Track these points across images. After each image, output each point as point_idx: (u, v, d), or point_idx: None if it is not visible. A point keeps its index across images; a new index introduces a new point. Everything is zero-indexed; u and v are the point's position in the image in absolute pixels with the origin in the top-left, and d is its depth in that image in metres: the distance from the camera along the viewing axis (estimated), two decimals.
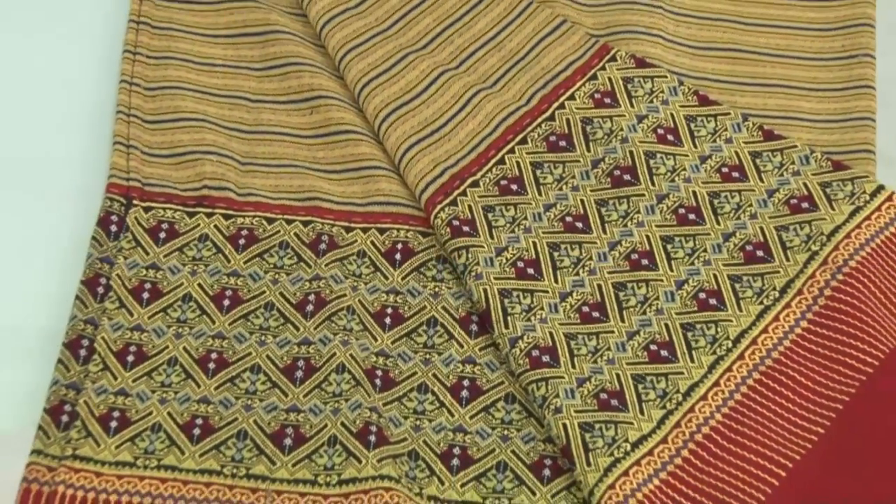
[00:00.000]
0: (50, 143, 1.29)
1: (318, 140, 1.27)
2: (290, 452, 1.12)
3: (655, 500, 1.07)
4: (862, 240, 1.19)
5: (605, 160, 1.24)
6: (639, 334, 1.16)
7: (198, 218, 1.24)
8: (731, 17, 1.34)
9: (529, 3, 1.32)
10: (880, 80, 1.29)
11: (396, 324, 1.19)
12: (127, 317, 1.18)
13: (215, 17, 1.34)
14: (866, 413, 1.10)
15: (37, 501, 1.08)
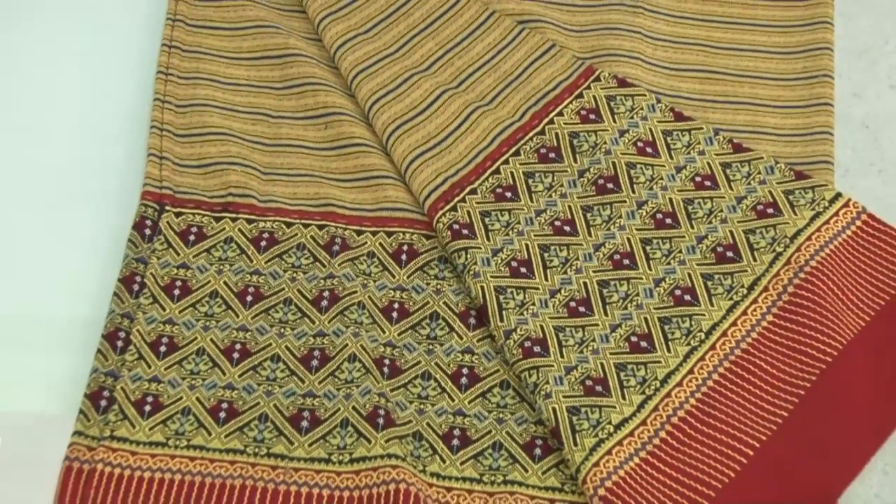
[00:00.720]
0: (92, 155, 1.30)
1: (332, 152, 1.27)
2: (306, 433, 1.13)
3: (636, 477, 1.07)
4: (821, 242, 1.19)
5: (590, 170, 1.24)
6: (621, 327, 1.16)
7: (223, 222, 1.24)
8: (704, 41, 1.34)
9: (522, 30, 1.32)
10: (837, 99, 1.29)
11: (402, 317, 1.19)
12: (160, 311, 1.19)
13: (239, 41, 1.34)
14: (825, 399, 1.11)
15: (78, 478, 1.09)
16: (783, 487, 1.07)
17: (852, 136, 1.29)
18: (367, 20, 1.33)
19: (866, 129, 1.30)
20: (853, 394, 1.12)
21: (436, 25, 1.33)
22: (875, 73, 1.33)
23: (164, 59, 1.32)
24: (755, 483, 1.07)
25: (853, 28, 1.36)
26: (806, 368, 1.12)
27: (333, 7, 1.34)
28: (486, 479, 1.11)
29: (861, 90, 1.32)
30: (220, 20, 1.36)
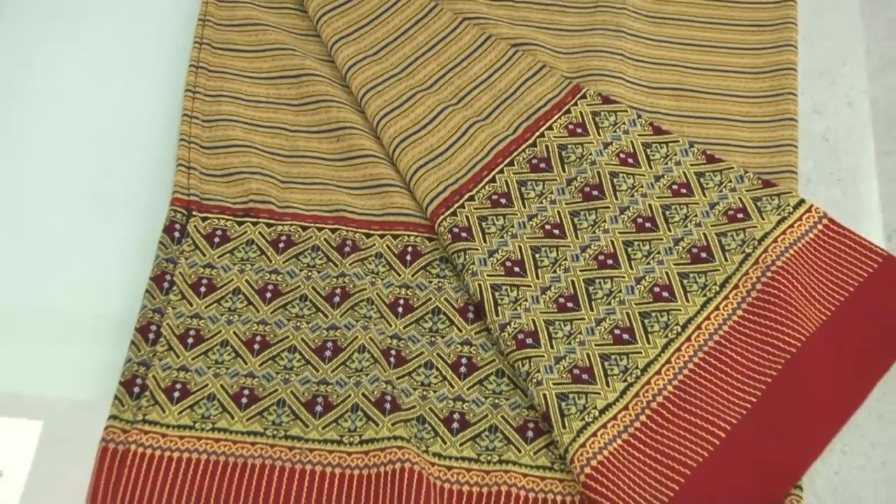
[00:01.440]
0: (127, 165, 1.30)
1: (344, 163, 1.27)
2: (320, 417, 1.13)
3: (618, 457, 1.07)
4: (786, 243, 1.19)
5: (577, 179, 1.24)
6: (605, 321, 1.16)
7: (245, 226, 1.24)
8: (680, 62, 1.34)
9: (515, 52, 1.32)
10: (800, 115, 1.30)
11: (407, 312, 1.19)
12: (187, 307, 1.19)
13: (260, 62, 1.34)
14: (790, 386, 1.11)
15: (113, 458, 1.09)
16: (752, 466, 1.07)
17: (813, 148, 1.29)
18: (375, 43, 1.33)
19: (826, 142, 1.30)
20: (815, 382, 1.12)
21: (437, 48, 1.33)
22: (834, 92, 1.33)
23: (192, 78, 1.32)
24: (726, 462, 1.07)
25: (814, 51, 1.36)
26: (772, 358, 1.12)
27: (345, 32, 1.34)
28: (482, 459, 1.11)
29: (821, 107, 1.32)
30: (243, 43, 1.36)
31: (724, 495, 1.06)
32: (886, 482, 1.10)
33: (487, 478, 1.10)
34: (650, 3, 1.39)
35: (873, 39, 1.37)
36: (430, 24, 1.35)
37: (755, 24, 1.36)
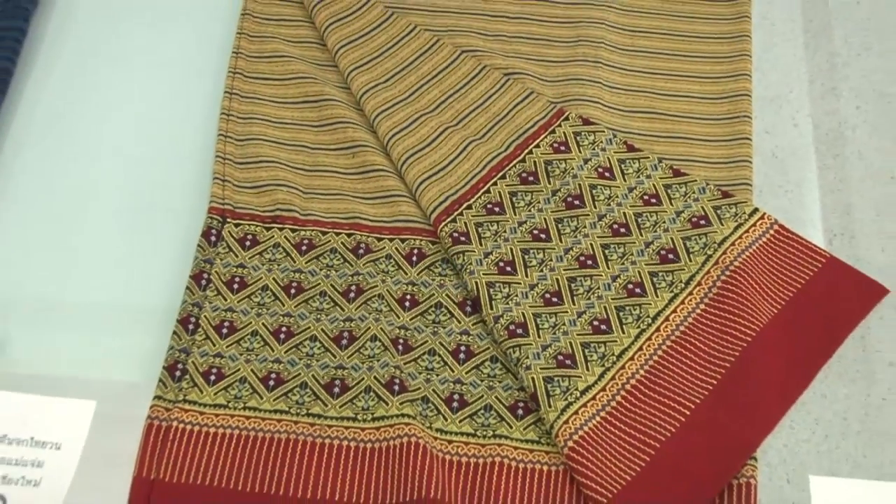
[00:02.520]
0: (171, 178, 1.29)
1: (358, 176, 1.27)
2: (337, 397, 1.12)
3: (597, 432, 1.07)
4: (743, 246, 1.19)
5: (561, 190, 1.23)
6: (585, 314, 1.15)
7: (272, 231, 1.23)
8: (650, 89, 1.33)
9: (507, 80, 1.31)
10: (754, 135, 1.30)
11: (413, 306, 1.18)
12: (222, 301, 1.18)
13: (285, 89, 1.33)
14: (746, 370, 1.10)
15: (157, 432, 1.08)
16: (713, 440, 1.06)
17: (765, 164, 1.29)
18: (385, 73, 1.32)
19: (775, 158, 1.29)
20: (768, 366, 1.11)
21: (439, 77, 1.33)
22: (781, 115, 1.33)
23: (227, 103, 1.32)
24: (691, 436, 1.07)
25: (765, 80, 1.35)
26: (731, 346, 1.12)
27: (359, 63, 1.33)
28: (479, 434, 1.10)
29: (771, 128, 1.32)
30: (271, 73, 1.35)
31: (689, 465, 1.05)
32: (828, 453, 1.10)
33: (483, 450, 1.09)
34: (624, 38, 1.38)
35: (815, 71, 1.37)
36: (432, 56, 1.34)
37: (715, 57, 1.36)
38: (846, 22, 1.41)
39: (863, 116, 1.33)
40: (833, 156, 1.30)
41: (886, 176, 1.28)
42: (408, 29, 1.37)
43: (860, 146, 1.30)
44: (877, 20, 1.41)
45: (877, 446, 1.10)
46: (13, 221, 1.26)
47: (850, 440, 1.10)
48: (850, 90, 1.35)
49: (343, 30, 1.36)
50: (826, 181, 1.28)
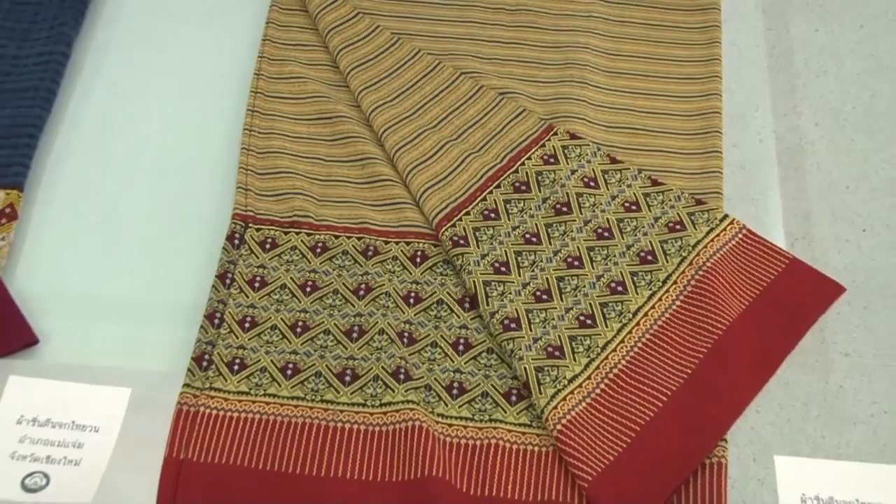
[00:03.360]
0: (198, 187, 1.29)
1: (367, 185, 1.26)
2: (348, 385, 1.11)
3: (583, 417, 1.06)
4: (714, 249, 1.18)
5: (550, 198, 1.22)
6: (572, 310, 1.14)
7: (290, 235, 1.22)
8: (631, 107, 1.32)
9: (502, 98, 1.31)
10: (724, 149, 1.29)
11: (417, 303, 1.17)
12: (244, 298, 1.17)
13: (302, 107, 1.32)
14: (717, 361, 1.10)
15: (186, 417, 1.08)
16: (688, 424, 1.05)
17: (734, 174, 1.28)
18: (392, 92, 1.31)
19: (743, 169, 1.29)
20: (737, 357, 1.11)
21: (440, 96, 1.32)
22: (748, 132, 1.33)
23: (249, 119, 1.31)
24: (668, 421, 1.06)
25: (734, 99, 1.35)
26: (704, 339, 1.11)
27: (368, 83, 1.32)
28: (476, 418, 1.09)
29: (739, 143, 1.31)
30: (288, 92, 1.34)
31: (666, 446, 1.04)
32: (790, 435, 1.09)
33: (480, 433, 1.08)
34: (607, 61, 1.37)
35: (778, 91, 1.36)
36: (434, 77, 1.33)
37: (689, 78, 1.35)
38: (805, 48, 1.40)
39: (820, 132, 1.32)
40: (794, 167, 1.29)
41: (842, 186, 1.27)
42: (412, 53, 1.36)
43: (818, 159, 1.30)
44: (833, 46, 1.40)
45: (834, 429, 1.09)
46: (58, 226, 1.25)
47: (810, 423, 1.10)
48: (809, 109, 1.35)
49: (354, 54, 1.35)
50: (788, 190, 1.27)
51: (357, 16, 1.38)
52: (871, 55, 1.39)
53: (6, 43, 1.35)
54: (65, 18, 1.37)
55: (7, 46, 1.35)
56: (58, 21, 1.37)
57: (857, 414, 1.10)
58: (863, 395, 1.12)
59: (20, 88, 1.31)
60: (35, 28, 1.37)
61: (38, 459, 1.05)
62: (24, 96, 1.30)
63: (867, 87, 1.37)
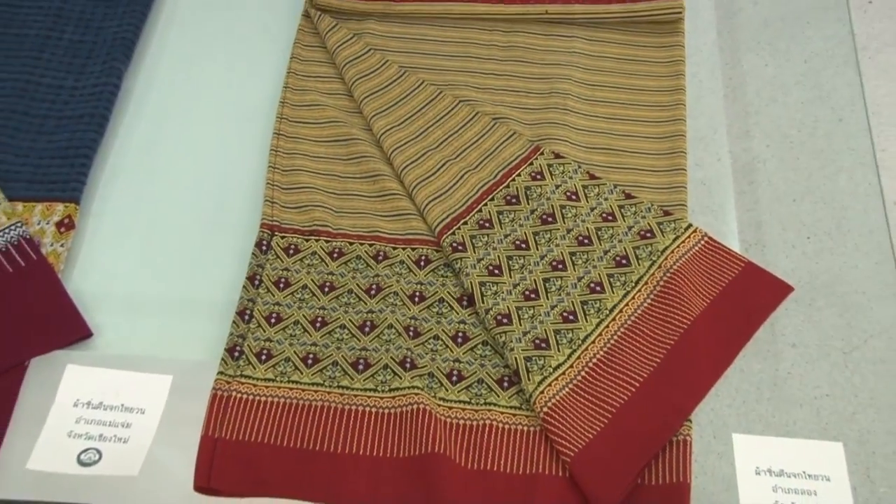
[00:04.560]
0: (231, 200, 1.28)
1: (378, 199, 1.24)
2: (361, 373, 1.10)
3: (566, 400, 1.05)
4: (680, 254, 1.17)
5: (537, 210, 1.21)
6: (557, 307, 1.13)
7: (311, 242, 1.20)
8: (607, 131, 1.31)
9: (495, 123, 1.30)
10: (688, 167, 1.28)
11: (421, 301, 1.16)
12: (271, 297, 1.16)
13: (321, 130, 1.31)
14: (683, 351, 1.09)
15: (220, 401, 1.07)
16: (658, 406, 1.04)
17: (696, 190, 1.27)
18: (399, 118, 1.30)
19: (703, 185, 1.27)
20: (699, 349, 1.09)
21: (442, 121, 1.30)
22: (708, 152, 1.31)
23: (275, 142, 1.29)
24: (640, 404, 1.05)
25: (696, 124, 1.34)
26: (671, 332, 1.10)
27: (379, 110, 1.31)
28: (473, 402, 1.08)
29: (700, 162, 1.30)
30: (309, 118, 1.32)
31: (638, 426, 1.03)
32: (745, 415, 1.08)
33: (476, 414, 1.07)
34: (587, 90, 1.36)
35: (733, 117, 1.35)
36: (436, 104, 1.32)
37: (657, 105, 1.33)
38: (757, 80, 1.39)
39: (770, 153, 1.31)
40: (748, 183, 1.28)
41: (789, 199, 1.26)
42: (417, 84, 1.34)
43: (769, 176, 1.29)
44: (780, 79, 1.40)
45: (783, 410, 1.09)
46: (109, 234, 1.24)
47: (763, 405, 1.09)
48: (760, 132, 1.33)
49: (366, 84, 1.34)
50: (742, 203, 1.26)
51: (369, 51, 1.37)
52: (814, 86, 1.39)
53: (66, 76, 1.35)
54: (116, 55, 1.37)
55: (67, 79, 1.35)
56: (110, 57, 1.37)
57: (803, 397, 1.10)
58: (807, 380, 1.11)
59: (77, 115, 1.31)
60: (90, 63, 1.37)
61: (91, 437, 1.05)
62: (81, 122, 1.30)
63: (810, 114, 1.36)
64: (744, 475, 1.04)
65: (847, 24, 1.46)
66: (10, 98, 1.32)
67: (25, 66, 1.35)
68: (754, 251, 1.21)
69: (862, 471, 1.04)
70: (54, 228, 1.20)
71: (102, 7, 1.42)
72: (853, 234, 1.23)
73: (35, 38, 1.38)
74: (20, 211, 1.21)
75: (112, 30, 1.40)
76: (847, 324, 1.15)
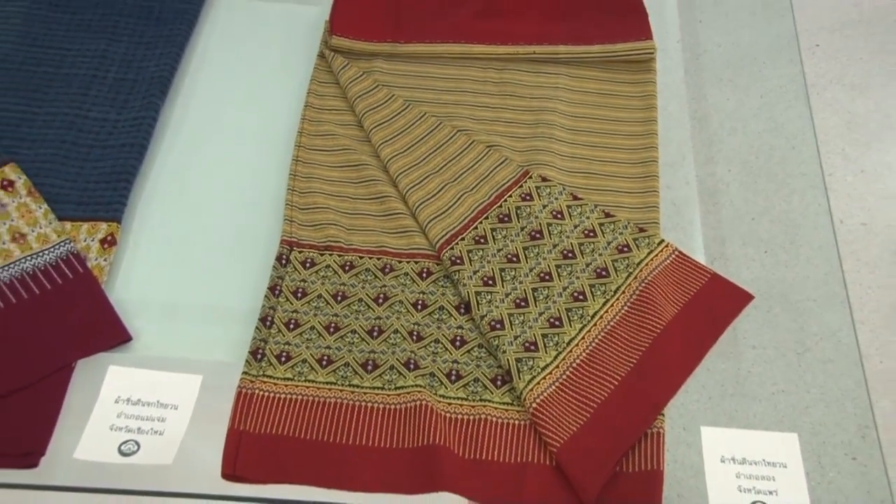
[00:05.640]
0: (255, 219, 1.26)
1: (385, 218, 1.23)
2: (370, 373, 1.09)
3: (553, 398, 1.05)
4: (653, 266, 1.17)
5: (526, 227, 1.21)
6: (544, 314, 1.12)
7: (325, 256, 1.19)
8: (588, 157, 1.31)
9: (489, 150, 1.29)
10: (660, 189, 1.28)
11: (423, 308, 1.15)
12: (290, 305, 1.15)
13: (333, 157, 1.30)
14: (657, 353, 1.08)
15: (245, 398, 1.06)
16: (634, 402, 1.04)
17: (667, 209, 1.26)
18: (404, 146, 1.30)
19: (674, 205, 1.27)
20: (671, 350, 1.09)
21: (441, 148, 1.30)
22: (677, 176, 1.31)
23: (293, 167, 1.29)
24: (619, 399, 1.04)
25: (666, 151, 1.33)
26: (646, 336, 1.09)
27: (386, 139, 1.30)
28: (469, 398, 1.07)
29: (671, 184, 1.30)
30: (324, 146, 1.32)
31: (617, 419, 1.03)
32: (712, 409, 1.07)
33: (472, 410, 1.06)
34: (570, 122, 1.35)
35: (699, 145, 1.35)
36: (436, 133, 1.32)
37: (632, 134, 1.33)
38: (720, 112, 1.40)
39: (732, 177, 1.31)
40: (712, 203, 1.28)
41: (749, 218, 1.26)
42: (419, 115, 1.34)
43: (731, 197, 1.29)
44: (740, 112, 1.40)
45: (744, 405, 1.08)
46: (147, 249, 1.24)
47: (726, 400, 1.09)
48: (723, 159, 1.33)
49: (374, 116, 1.33)
50: (707, 221, 1.26)
51: (377, 87, 1.37)
52: (769, 118, 1.39)
53: (109, 110, 1.35)
54: (154, 91, 1.37)
55: (110, 113, 1.35)
56: (148, 93, 1.37)
57: (762, 393, 1.09)
58: (765, 378, 1.11)
59: (119, 144, 1.30)
60: (131, 98, 1.37)
61: (131, 430, 1.04)
62: (122, 150, 1.30)
63: (766, 143, 1.36)
64: (710, 463, 1.03)
65: (798, 64, 1.48)
66: (61, 130, 1.32)
67: (74, 102, 1.35)
68: (718, 264, 1.21)
69: (814, 458, 1.04)
70: (98, 245, 1.20)
71: (142, 49, 1.43)
72: (805, 249, 1.23)
73: (83, 77, 1.39)
74: (68, 229, 1.20)
75: (150, 69, 1.40)
76: (800, 328, 1.15)
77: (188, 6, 1.50)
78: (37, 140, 1.32)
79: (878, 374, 2.01)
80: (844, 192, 2.35)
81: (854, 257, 2.21)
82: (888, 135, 2.47)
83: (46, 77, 1.39)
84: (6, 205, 1.22)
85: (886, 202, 2.32)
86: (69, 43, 1.44)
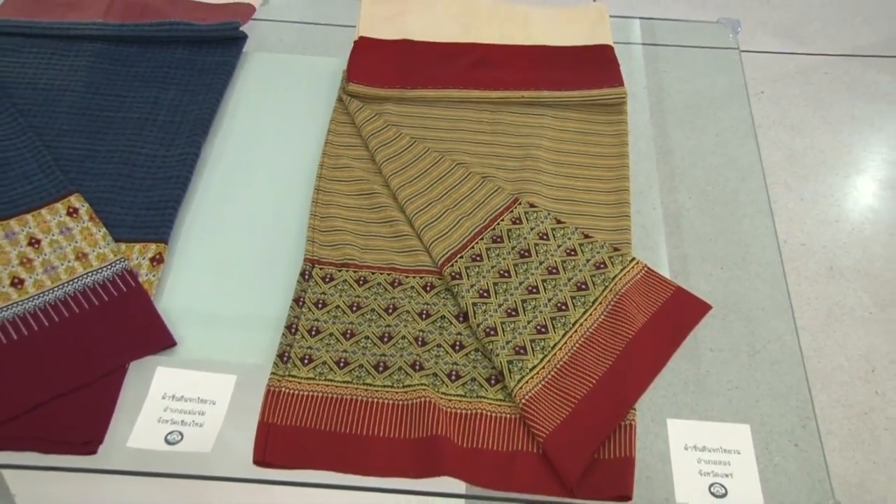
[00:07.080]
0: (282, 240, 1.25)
1: (393, 239, 1.23)
2: (381, 373, 1.08)
3: (540, 395, 1.03)
4: (626, 280, 1.16)
5: (516, 247, 1.20)
6: (532, 322, 1.11)
7: (342, 272, 1.19)
8: (570, 186, 1.30)
9: (484, 180, 1.29)
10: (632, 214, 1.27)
11: (427, 317, 1.14)
12: (312, 314, 1.14)
13: (350, 186, 1.30)
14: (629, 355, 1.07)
15: (273, 396, 1.05)
16: (610, 397, 1.03)
17: (637, 232, 1.26)
18: (410, 177, 1.29)
19: (643, 228, 1.27)
20: (641, 353, 1.08)
21: (442, 179, 1.29)
22: (646, 203, 1.31)
23: (315, 195, 1.28)
24: (596, 396, 1.03)
25: (636, 181, 1.33)
26: (620, 341, 1.08)
27: (394, 171, 1.30)
28: (468, 395, 1.06)
29: (640, 210, 1.29)
30: (342, 177, 1.31)
31: (595, 414, 1.01)
32: (675, 404, 1.07)
33: (470, 405, 1.05)
34: (553, 156, 1.35)
35: (664, 177, 1.35)
36: (439, 166, 1.31)
37: (607, 167, 1.33)
38: (681, 148, 1.40)
39: (692, 203, 1.31)
40: (676, 226, 1.28)
41: (707, 239, 1.26)
42: (424, 151, 1.34)
43: (691, 221, 1.29)
44: (698, 148, 1.40)
45: (703, 400, 1.08)
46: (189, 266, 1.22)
47: (689, 396, 1.08)
48: (685, 188, 1.33)
49: (385, 151, 1.33)
50: (671, 242, 1.25)
51: (387, 126, 1.37)
52: (723, 154, 1.39)
53: (159, 147, 1.35)
54: (197, 131, 1.37)
55: (159, 150, 1.35)
56: (192, 132, 1.37)
57: (718, 389, 1.09)
58: (722, 376, 1.10)
59: (167, 177, 1.30)
60: (177, 137, 1.37)
61: (175, 422, 1.03)
62: (169, 182, 1.30)
63: (721, 175, 1.36)
64: (675, 451, 1.02)
65: (747, 107, 1.48)
66: (118, 164, 1.33)
67: (130, 141, 1.36)
68: (681, 278, 1.21)
69: (763, 445, 1.04)
70: (148, 263, 1.19)
71: (188, 96, 1.43)
72: (754, 265, 1.23)
73: (137, 119, 1.40)
74: (123, 249, 1.20)
75: (194, 112, 1.40)
76: (751, 333, 1.15)
77: (227, 59, 1.51)
78: (98, 173, 1.32)
79: (817, 372, 2.02)
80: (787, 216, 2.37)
81: (796, 272, 2.23)
82: (822, 168, 2.50)
83: (107, 120, 1.41)
84: (71, 228, 1.23)
85: (822, 226, 2.35)
86: (126, 91, 1.45)
